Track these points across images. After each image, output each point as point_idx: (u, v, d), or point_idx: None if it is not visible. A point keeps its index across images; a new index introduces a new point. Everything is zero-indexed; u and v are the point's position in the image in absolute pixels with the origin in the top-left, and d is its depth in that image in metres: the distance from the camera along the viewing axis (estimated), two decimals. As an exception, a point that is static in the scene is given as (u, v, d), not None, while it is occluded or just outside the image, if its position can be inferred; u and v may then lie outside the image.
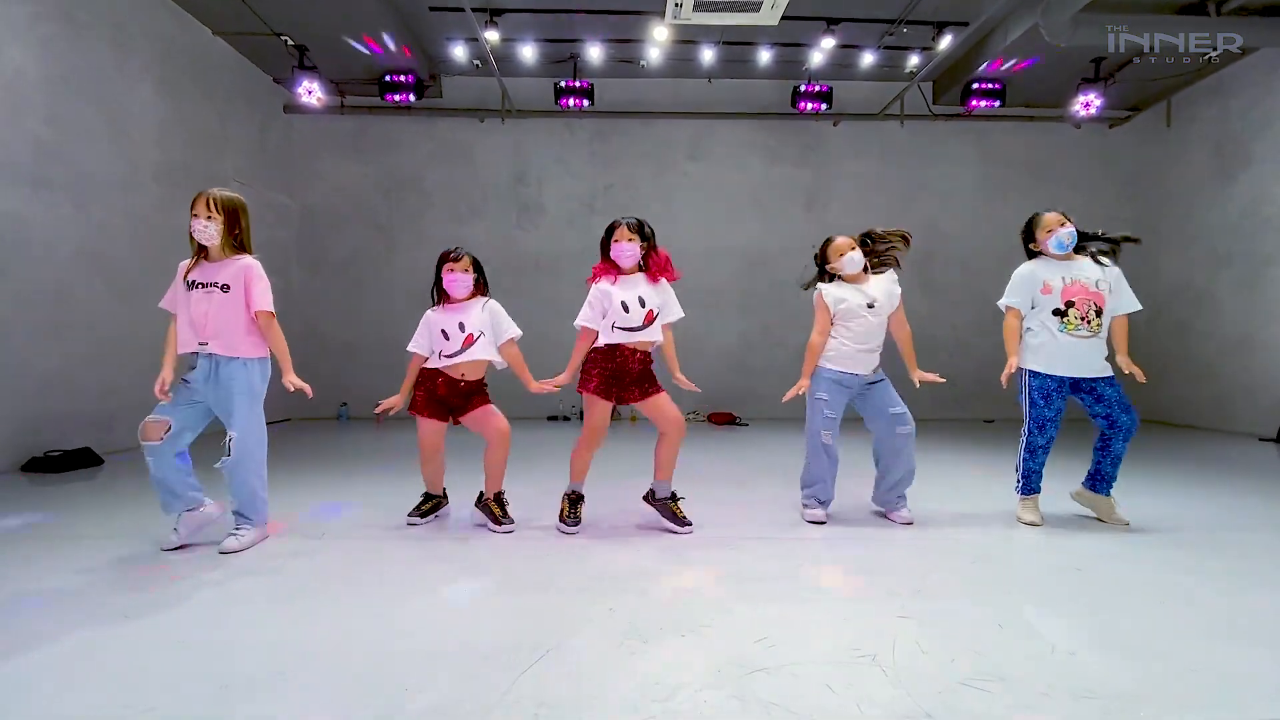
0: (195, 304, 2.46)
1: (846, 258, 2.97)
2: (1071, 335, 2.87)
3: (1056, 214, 2.95)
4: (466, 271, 2.80)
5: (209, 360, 2.48)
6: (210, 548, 2.53)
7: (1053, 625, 1.86)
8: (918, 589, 2.14)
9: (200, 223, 2.43)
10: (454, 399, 2.82)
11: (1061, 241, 2.91)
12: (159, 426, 2.44)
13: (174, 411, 2.46)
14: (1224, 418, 6.62)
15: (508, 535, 2.77)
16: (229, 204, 2.49)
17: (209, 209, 2.44)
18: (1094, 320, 2.85)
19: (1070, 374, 2.89)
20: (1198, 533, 2.84)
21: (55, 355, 4.50)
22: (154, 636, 1.77)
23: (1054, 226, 2.93)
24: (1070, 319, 2.87)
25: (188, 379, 2.51)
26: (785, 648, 1.70)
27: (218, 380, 2.48)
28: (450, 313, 2.82)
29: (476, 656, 1.64)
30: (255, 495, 2.58)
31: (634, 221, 2.78)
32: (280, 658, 1.64)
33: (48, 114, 4.46)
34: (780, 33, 6.27)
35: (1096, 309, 2.86)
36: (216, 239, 2.47)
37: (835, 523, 2.98)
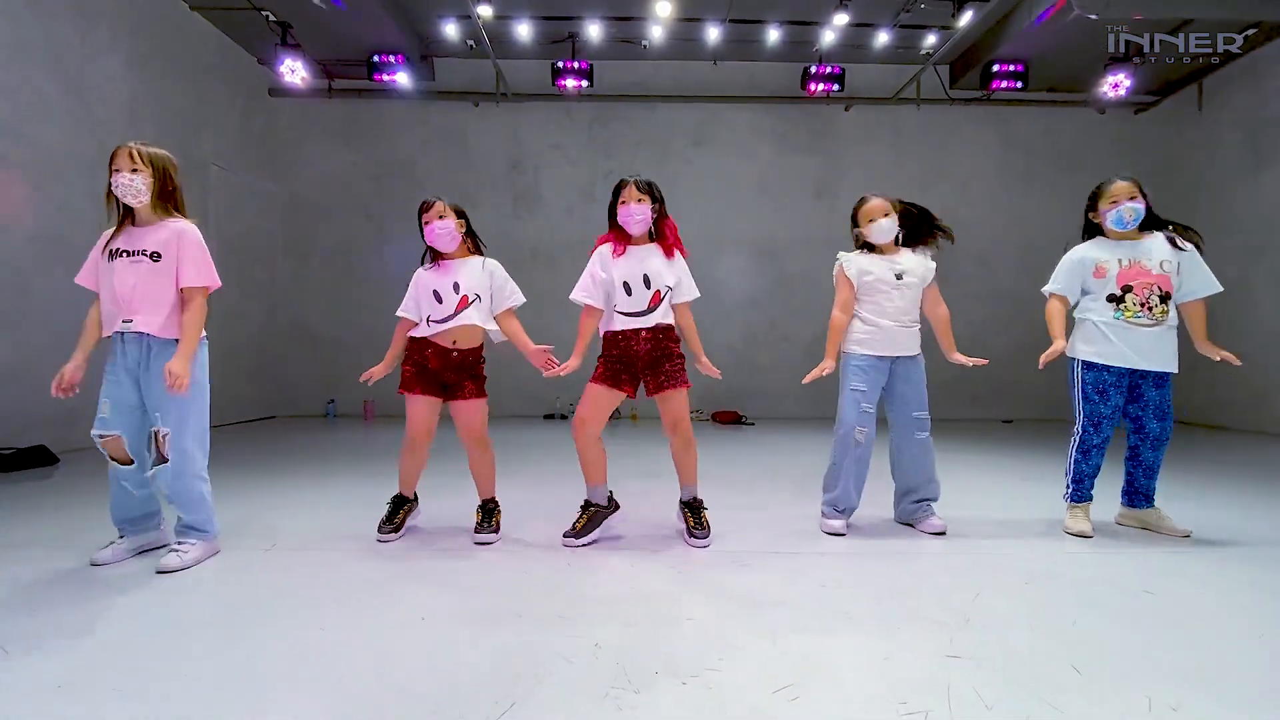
0: (119, 275, 2.10)
1: (877, 224, 2.63)
2: (1130, 323, 2.51)
3: (1128, 183, 2.55)
4: (444, 218, 2.45)
5: (139, 342, 2.13)
6: (147, 560, 2.20)
7: (1131, 664, 1.51)
8: (966, 618, 1.79)
9: (124, 177, 2.07)
10: (447, 373, 2.48)
11: (1122, 218, 2.54)
12: (118, 443, 2.12)
13: (117, 421, 2.12)
14: (1260, 418, 6.24)
15: (487, 547, 2.43)
16: (157, 159, 2.14)
17: (134, 160, 2.09)
18: (1157, 307, 2.49)
19: (1130, 365, 2.54)
20: (1265, 546, 2.48)
21: (9, 346, 4.18)
22: (55, 672, 1.43)
23: (1120, 198, 2.53)
24: (1128, 305, 2.51)
25: (110, 373, 2.15)
26: (813, 699, 1.35)
27: (149, 368, 2.14)
28: (443, 272, 2.48)
29: (424, 708, 1.30)
30: (202, 501, 2.22)
31: (643, 181, 2.44)
32: (192, 698, 1.30)
33: (4, 86, 4.14)
34: (790, 9, 5.94)
35: (1161, 294, 2.50)
36: (146, 196, 2.11)
37: (857, 534, 2.63)
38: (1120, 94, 6.34)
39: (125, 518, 2.21)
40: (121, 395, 2.12)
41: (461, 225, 2.50)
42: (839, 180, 7.30)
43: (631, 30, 6.49)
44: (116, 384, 2.12)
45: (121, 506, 2.20)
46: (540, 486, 3.48)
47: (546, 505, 3.00)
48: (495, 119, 7.20)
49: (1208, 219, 6.95)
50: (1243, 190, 6.52)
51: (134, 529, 2.24)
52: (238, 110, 6.51)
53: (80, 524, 2.69)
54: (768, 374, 7.23)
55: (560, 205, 7.26)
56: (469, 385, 2.50)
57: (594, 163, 7.26)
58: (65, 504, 3.08)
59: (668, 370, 2.43)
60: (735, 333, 7.30)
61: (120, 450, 2.14)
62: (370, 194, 7.23)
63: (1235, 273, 6.59)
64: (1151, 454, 2.61)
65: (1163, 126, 7.28)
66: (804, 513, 2.92)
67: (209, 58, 6.07)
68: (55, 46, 4.50)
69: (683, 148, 7.27)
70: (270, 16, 5.80)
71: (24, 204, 4.28)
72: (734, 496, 3.29)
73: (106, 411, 2.11)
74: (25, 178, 4.29)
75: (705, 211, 7.25)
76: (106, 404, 2.11)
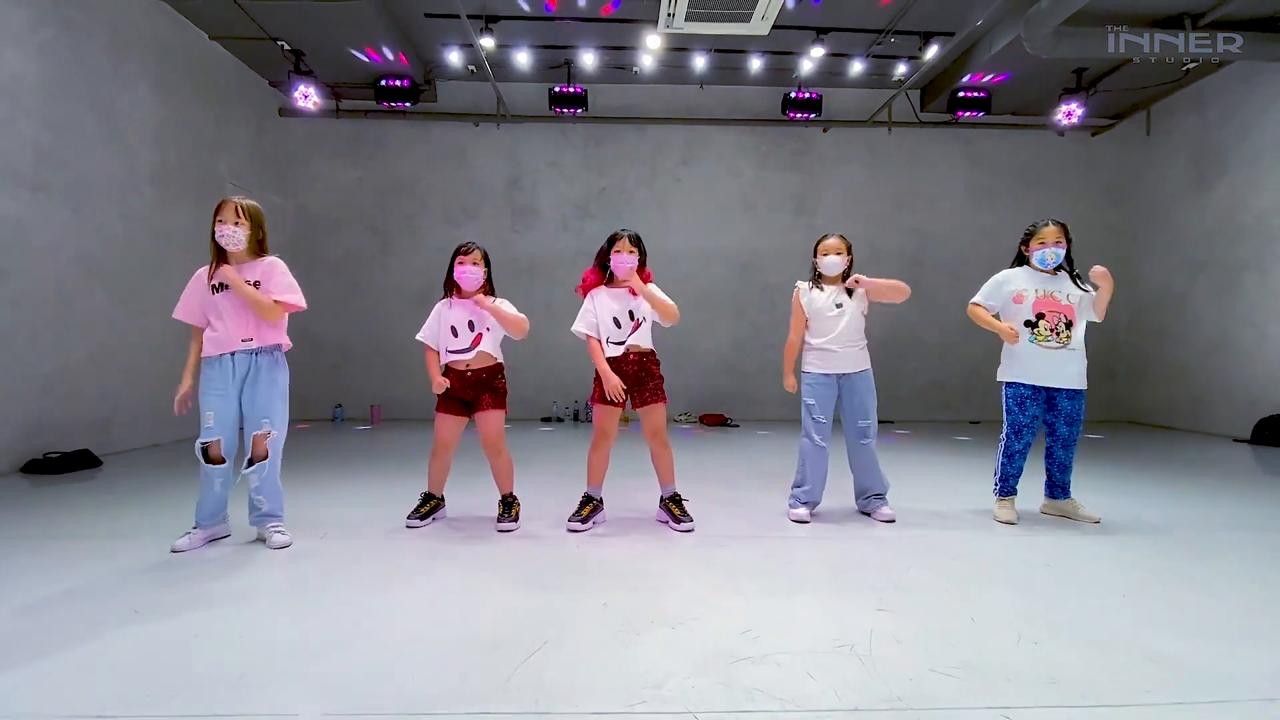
0: (226, 305, 2.54)
1: (828, 259, 3.10)
2: (1041, 346, 3.00)
3: (1056, 229, 3.05)
4: (477, 264, 2.91)
5: (249, 359, 2.57)
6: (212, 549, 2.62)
7: (1020, 618, 1.98)
8: (896, 584, 2.26)
9: (228, 228, 2.51)
10: (466, 391, 2.92)
11: (1045, 258, 3.04)
12: (218, 446, 2.56)
13: (220, 429, 2.55)
14: (1201, 419, 6.80)
15: (508, 534, 2.87)
16: (253, 211, 2.58)
17: (237, 215, 2.52)
18: (1064, 332, 2.99)
19: (1043, 384, 3.03)
20: (1166, 531, 2.97)
21: (54, 358, 4.55)
22: (172, 632, 1.85)
23: (1047, 241, 3.03)
24: (1040, 330, 3.00)
25: (217, 387, 2.56)
26: (769, 639, 1.80)
27: (258, 380, 2.57)
28: (460, 309, 2.92)
29: (479, 648, 1.74)
30: (280, 492, 2.71)
31: (634, 235, 2.93)
32: (294, 650, 1.73)
33: (46, 118, 4.50)
34: (770, 42, 6.38)
35: (1066, 321, 2.99)
36: (243, 244, 2.55)
37: (820, 522, 3.10)
38: (1073, 121, 6.87)
39: (207, 511, 2.63)
40: (225, 408, 2.56)
41: (485, 273, 2.94)
42: (818, 197, 7.80)
43: (624, 58, 6.93)
44: (221, 398, 2.55)
45: (207, 501, 2.62)
46: (545, 482, 3.90)
47: (555, 499, 3.44)
48: (495, 139, 7.62)
49: (1155, 234, 7.54)
50: (1186, 208, 7.09)
51: (209, 521, 2.66)
52: (251, 130, 6.88)
53: (145, 519, 3.09)
54: (751, 379, 7.71)
55: (556, 220, 7.69)
56: (486, 399, 2.93)
57: (589, 180, 7.70)
58: (120, 501, 3.47)
59: (650, 388, 2.92)
60: (721, 340, 7.77)
61: (219, 453, 2.57)
62: (375, 209, 7.62)
63: (1179, 285, 7.18)
64: (1063, 453, 3.10)
65: (1116, 149, 7.85)
66: (778, 504, 3.38)
67: (226, 83, 6.45)
68: (92, 79, 4.87)
69: (672, 166, 7.73)
70: (285, 46, 6.18)
71: (66, 228, 4.64)
72: (717, 490, 3.75)
73: (211, 422, 2.54)
74: (66, 203, 4.66)
75: (693, 226, 7.72)
76: (211, 415, 2.54)
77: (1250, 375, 6.27)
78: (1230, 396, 6.48)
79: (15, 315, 4.27)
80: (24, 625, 1.89)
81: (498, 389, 2.96)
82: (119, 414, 5.06)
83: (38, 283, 4.43)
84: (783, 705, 1.47)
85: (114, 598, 2.10)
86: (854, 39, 6.51)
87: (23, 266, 4.33)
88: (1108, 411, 7.84)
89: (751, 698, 1.50)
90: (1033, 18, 5.22)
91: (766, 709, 1.45)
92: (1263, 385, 6.13)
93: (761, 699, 1.49)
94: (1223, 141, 6.63)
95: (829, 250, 3.11)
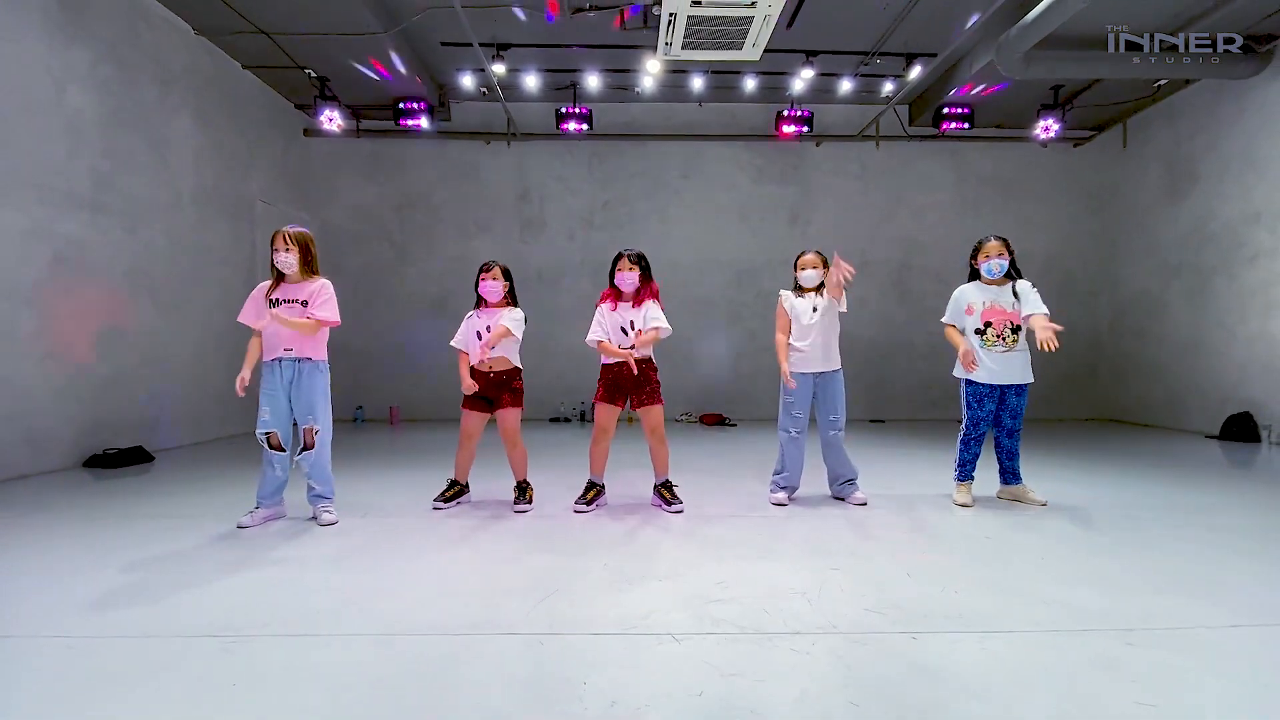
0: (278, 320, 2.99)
1: (805, 273, 3.51)
2: (990, 351, 3.41)
3: (998, 243, 3.43)
4: (497, 279, 3.35)
5: (293, 365, 3.02)
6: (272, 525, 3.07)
7: (949, 574, 2.39)
8: (852, 551, 2.67)
9: (281, 255, 2.98)
10: (489, 391, 3.37)
11: (990, 269, 3.43)
12: (275, 436, 3.02)
13: (275, 423, 3.02)
14: (1177, 417, 7.15)
15: (524, 515, 3.30)
16: (300, 238, 3.03)
17: (286, 243, 2.97)
18: (1009, 336, 3.39)
19: (996, 382, 3.43)
20: (1102, 512, 3.36)
21: (108, 364, 5.03)
22: (251, 583, 2.29)
23: (991, 254, 3.43)
24: (989, 337, 3.41)
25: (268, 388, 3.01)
26: (737, 588, 2.22)
27: (300, 384, 3.02)
28: (484, 317, 3.37)
29: (501, 593, 2.17)
30: (330, 478, 3.16)
31: (634, 254, 3.35)
32: (352, 595, 2.17)
33: (104, 147, 5.00)
34: (763, 64, 6.80)
35: (1013, 326, 3.39)
36: (295, 267, 3.01)
37: (798, 505, 3.51)
38: (1051, 135, 7.26)
39: (267, 492, 3.08)
40: (277, 404, 3.01)
41: (506, 286, 3.38)
42: (811, 208, 8.21)
43: (626, 80, 7.38)
44: (273, 397, 3.01)
45: (268, 483, 3.07)
46: (555, 473, 4.33)
47: (562, 490, 3.86)
48: (505, 155, 8.09)
49: (1133, 241, 7.91)
50: (1161, 216, 7.45)
51: (269, 501, 3.11)
52: (278, 151, 7.38)
53: (206, 504, 3.54)
54: (748, 380, 8.12)
55: (563, 231, 8.14)
56: (506, 397, 3.37)
57: (593, 194, 8.15)
58: (179, 490, 3.93)
59: (648, 391, 3.35)
60: (720, 344, 8.19)
61: (277, 441, 3.02)
62: (393, 222, 8.10)
63: (1155, 289, 7.54)
64: (1009, 441, 3.50)
65: (1095, 159, 8.22)
66: (763, 490, 3.79)
67: (257, 108, 6.95)
68: (141, 110, 5.37)
69: (672, 180, 8.17)
70: (312, 74, 6.67)
71: (119, 246, 5.13)
72: (710, 479, 4.17)
73: (268, 416, 2.99)
74: (120, 223, 5.15)
75: (692, 236, 8.15)
76: (267, 410, 2.99)
77: (1220, 374, 6.62)
78: (1203, 395, 6.83)
79: (77, 325, 4.76)
80: (131, 579, 2.33)
81: (516, 389, 3.40)
82: (165, 414, 5.54)
83: (96, 296, 4.92)
84: (741, 630, 1.89)
85: (199, 559, 2.54)
86: (842, 60, 6.93)
87: (84, 281, 4.82)
88: (1090, 409, 8.20)
89: (717, 625, 1.92)
90: (1003, 44, 5.62)
91: (728, 632, 1.87)
92: (1232, 384, 6.48)
93: (725, 625, 1.91)
94: (1194, 153, 7.00)
95: (807, 265, 3.52)
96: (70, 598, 2.15)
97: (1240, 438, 6.10)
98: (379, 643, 1.82)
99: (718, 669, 1.65)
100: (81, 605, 2.08)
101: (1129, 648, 1.80)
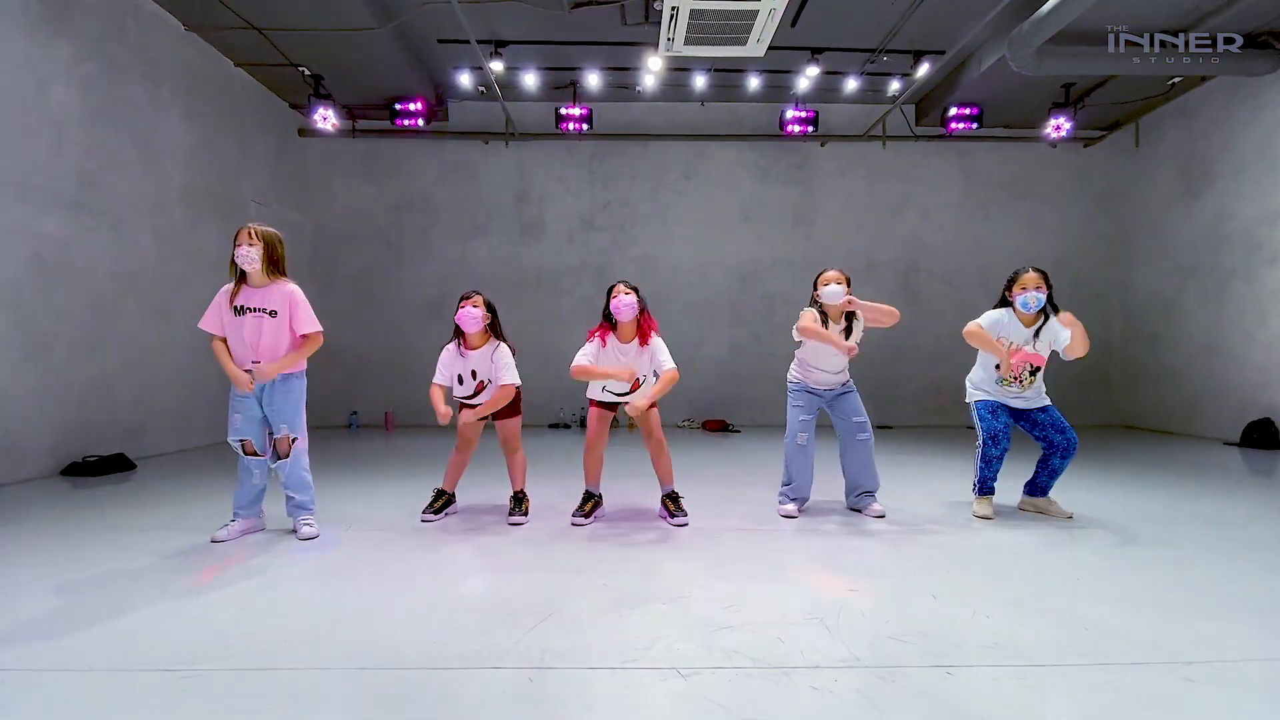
0: (248, 328, 2.80)
1: (829, 288, 3.24)
2: (1005, 388, 3.28)
3: (1036, 275, 3.19)
4: (477, 307, 3.10)
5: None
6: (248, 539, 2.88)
7: (977, 596, 2.20)
8: (869, 569, 2.48)
9: (243, 249, 2.77)
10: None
11: (1026, 303, 3.18)
12: (250, 444, 2.84)
13: (247, 430, 2.83)
14: (1194, 423, 6.95)
15: (519, 527, 3.11)
16: (267, 236, 2.84)
17: (251, 238, 2.79)
18: (1026, 380, 3.25)
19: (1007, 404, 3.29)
20: (1132, 525, 3.17)
21: (93, 368, 4.85)
22: (221, 605, 2.10)
23: (1028, 286, 3.17)
24: (1006, 378, 3.24)
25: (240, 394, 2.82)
26: (748, 612, 2.03)
27: (274, 392, 2.84)
28: (465, 358, 3.15)
29: (492, 618, 1.98)
30: (309, 486, 2.98)
31: (629, 284, 3.12)
32: (326, 619, 1.98)
33: (88, 145, 4.84)
34: (767, 61, 6.65)
35: (1032, 369, 3.23)
36: (258, 263, 2.81)
37: (809, 518, 3.32)
38: (1062, 134, 7.09)
39: (245, 501, 2.90)
40: (249, 413, 2.83)
41: (487, 318, 3.14)
42: (815, 210, 8.04)
43: (627, 78, 7.23)
44: (246, 405, 2.83)
45: (245, 493, 2.88)
46: (555, 481, 4.14)
47: (562, 499, 3.68)
48: (503, 156, 7.94)
49: (1146, 242, 7.72)
50: (1176, 217, 7.27)
51: (246, 512, 2.92)
52: (272, 151, 7.22)
53: (183, 513, 3.35)
54: (752, 385, 7.93)
55: (563, 233, 7.98)
56: (504, 409, 3.19)
57: (593, 195, 7.99)
58: (161, 499, 3.74)
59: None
60: (723, 347, 8.00)
61: (252, 448, 2.84)
62: (389, 224, 7.94)
63: (1170, 291, 7.35)
64: (1060, 461, 3.28)
65: (1107, 159, 8.04)
66: (770, 501, 3.60)
67: (249, 107, 6.80)
68: (128, 107, 5.21)
69: (674, 180, 8.01)
70: (306, 71, 6.52)
71: (104, 247, 4.97)
72: (714, 490, 3.98)
73: (239, 423, 2.81)
74: (105, 223, 4.98)
75: (694, 237, 7.98)
76: (239, 418, 2.81)
77: (1239, 379, 6.43)
78: (1220, 400, 6.63)
79: (57, 327, 4.58)
80: (74, 601, 2.15)
81: (513, 401, 3.22)
82: (151, 420, 5.36)
83: (78, 297, 4.75)
84: (754, 663, 1.70)
85: (160, 577, 2.35)
86: (848, 58, 6.77)
87: (65, 282, 4.65)
88: (1101, 416, 8.00)
89: (729, 657, 1.73)
90: (1015, 38, 5.46)
91: (740, 666, 1.68)
92: (1252, 389, 6.29)
93: (737, 659, 1.72)
94: (1209, 153, 6.83)
95: (830, 281, 3.25)
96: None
97: (1262, 445, 5.91)
98: (351, 679, 1.63)
99: (729, 710, 1.47)
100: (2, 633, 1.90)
101: (1188, 684, 1.61)
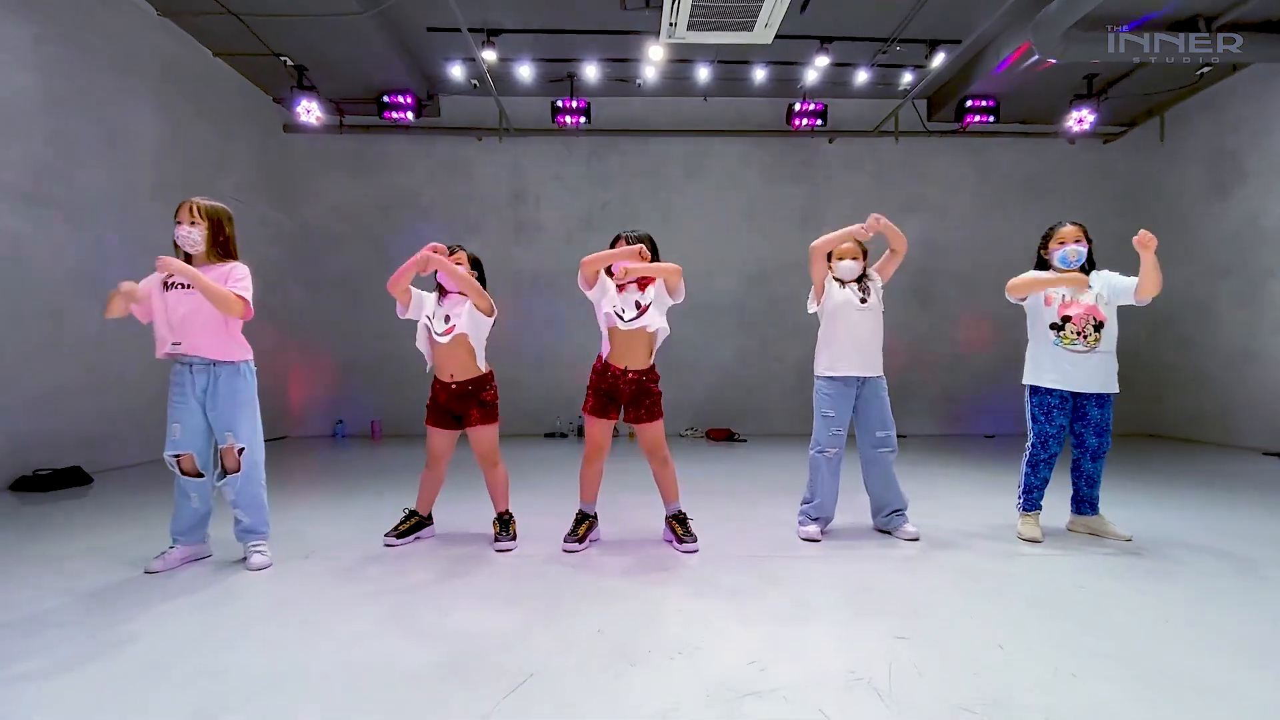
0: (172, 304, 2.40)
1: (844, 263, 2.99)
2: (1068, 349, 2.84)
3: (1075, 228, 2.91)
4: (462, 264, 2.82)
5: (206, 371, 2.44)
6: (187, 570, 2.48)
7: (1054, 646, 1.81)
8: (915, 608, 2.09)
9: (184, 229, 2.41)
10: (453, 404, 2.81)
11: (1066, 258, 2.88)
12: (190, 460, 2.44)
13: (188, 443, 2.44)
14: (1228, 432, 6.56)
15: (505, 554, 2.72)
16: (212, 212, 2.47)
17: (192, 215, 2.42)
18: (1092, 335, 2.82)
19: (1069, 388, 2.86)
20: (1204, 549, 2.77)
21: (48, 375, 4.47)
22: (131, 662, 1.71)
23: (1067, 240, 2.89)
24: (1067, 333, 2.84)
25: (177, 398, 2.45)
26: (778, 670, 1.64)
27: (217, 391, 2.45)
28: (441, 306, 2.82)
29: (457, 680, 1.59)
30: (263, 506, 2.57)
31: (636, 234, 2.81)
32: (268, 676, 1.59)
33: (48, 133, 4.48)
34: (774, 52, 6.32)
35: (1096, 323, 2.83)
36: (201, 245, 2.44)
37: (833, 540, 2.93)
38: (1084, 128, 6.74)
39: (183, 528, 2.50)
40: (190, 420, 2.43)
41: (473, 274, 2.82)
42: (824, 209, 7.68)
43: (626, 70, 6.89)
44: (186, 411, 2.43)
45: (182, 517, 2.49)
46: (549, 499, 3.75)
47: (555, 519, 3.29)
48: (498, 153, 7.59)
49: (1173, 242, 7.35)
50: (1205, 215, 6.91)
51: (187, 539, 2.53)
52: (255, 146, 6.88)
53: (126, 536, 2.96)
54: (759, 392, 7.53)
55: (560, 234, 7.62)
56: (475, 413, 2.80)
57: (592, 193, 7.64)
58: (104, 519, 3.36)
59: (646, 405, 2.78)
60: (728, 353, 7.62)
61: (192, 465, 2.45)
62: (378, 224, 7.58)
63: (1202, 293, 6.97)
64: (1091, 465, 2.92)
65: (1129, 155, 7.69)
66: (787, 521, 3.21)
67: (230, 99, 6.46)
68: (95, 94, 4.86)
69: (676, 179, 7.66)
70: (288, 61, 6.19)
71: (63, 243, 4.60)
72: (722, 507, 3.58)
73: (178, 434, 2.42)
74: (66, 218, 4.62)
75: (697, 238, 7.61)
76: (177, 428, 2.42)
77: (1278, 385, 6.04)
78: (1257, 407, 6.24)
79: (9, 330, 4.21)
80: (-24, 654, 1.76)
81: (486, 402, 2.83)
82: (113, 430, 4.97)
83: (32, 297, 4.38)
84: (793, 748, 1.31)
85: (68, 620, 1.96)
86: (859, 48, 6.43)
87: (17, 281, 4.28)
88: (1126, 424, 7.57)
89: (757, 739, 1.34)
90: (1041, 21, 5.12)
91: (774, 753, 1.30)
92: (1291, 396, 5.90)
93: (769, 741, 1.33)
94: (1239, 147, 6.48)
95: (845, 255, 3.00)
96: None
97: (1306, 455, 5.51)
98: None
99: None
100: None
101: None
